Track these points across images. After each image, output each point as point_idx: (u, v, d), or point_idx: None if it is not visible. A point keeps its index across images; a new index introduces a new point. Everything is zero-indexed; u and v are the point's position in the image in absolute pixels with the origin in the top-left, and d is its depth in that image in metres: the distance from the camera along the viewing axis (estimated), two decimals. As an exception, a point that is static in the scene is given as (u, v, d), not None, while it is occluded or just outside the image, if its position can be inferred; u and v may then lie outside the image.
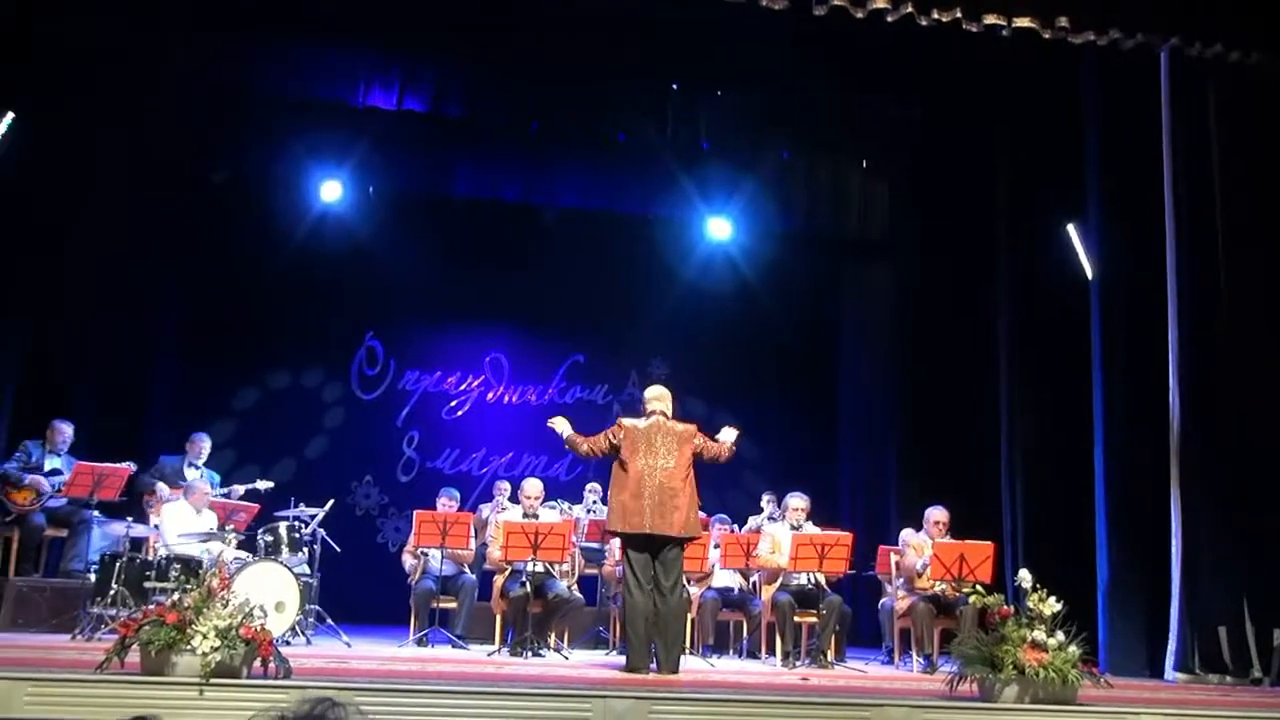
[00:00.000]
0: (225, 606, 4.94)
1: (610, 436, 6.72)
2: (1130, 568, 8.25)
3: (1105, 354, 8.63)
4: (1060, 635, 5.41)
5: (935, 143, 10.68)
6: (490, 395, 12.10)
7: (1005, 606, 5.57)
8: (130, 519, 7.57)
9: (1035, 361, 9.59)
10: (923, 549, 8.08)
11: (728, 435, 6.87)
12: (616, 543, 8.45)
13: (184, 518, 7.84)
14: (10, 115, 8.36)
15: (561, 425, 6.95)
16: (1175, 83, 8.39)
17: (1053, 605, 5.48)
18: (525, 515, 8.21)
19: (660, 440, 6.63)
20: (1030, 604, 5.51)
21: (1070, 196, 9.20)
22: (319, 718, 1.33)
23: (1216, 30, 8.04)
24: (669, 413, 6.82)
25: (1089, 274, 8.98)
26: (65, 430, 8.48)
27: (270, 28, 9.69)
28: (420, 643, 8.02)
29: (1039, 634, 5.37)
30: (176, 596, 5.04)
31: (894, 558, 8.48)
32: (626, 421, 6.76)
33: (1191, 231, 8.23)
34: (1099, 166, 8.86)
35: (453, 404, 12.01)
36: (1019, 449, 9.58)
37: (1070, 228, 9.27)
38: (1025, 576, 5.66)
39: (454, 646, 8.01)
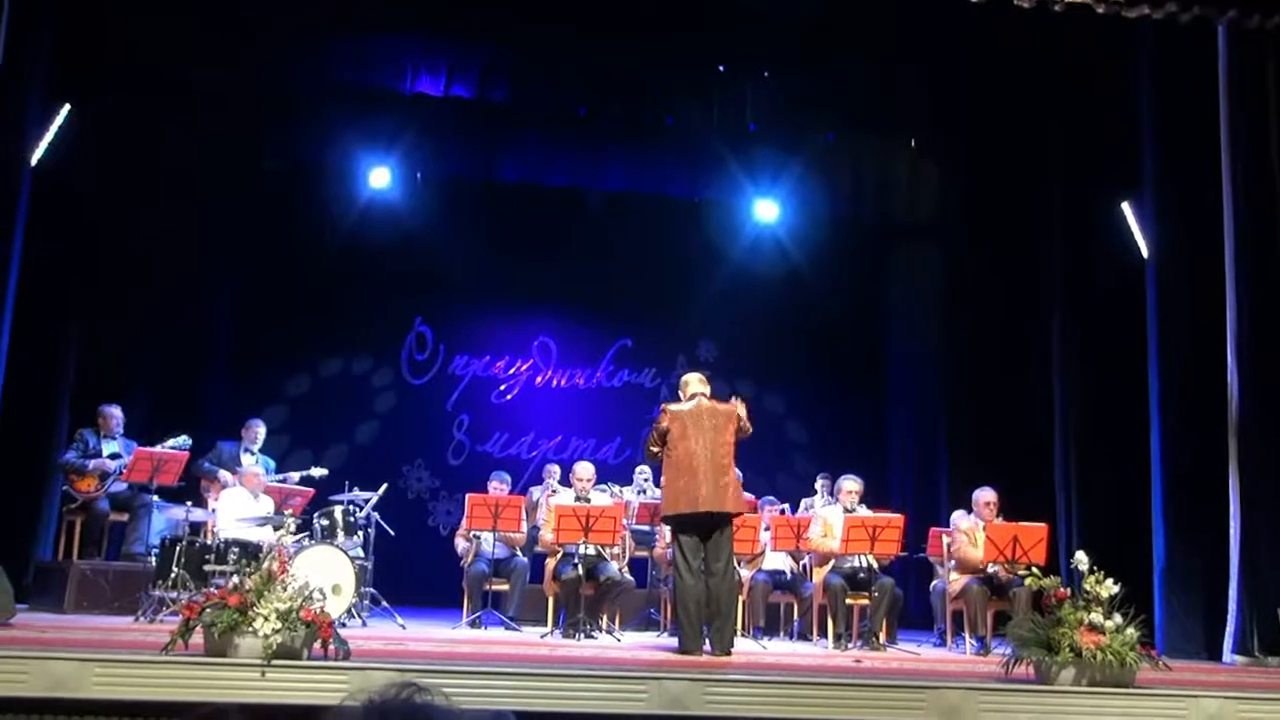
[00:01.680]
0: (285, 590, 5.02)
1: (657, 425, 6.79)
2: (1187, 549, 8.15)
3: (1161, 334, 8.50)
4: (1118, 618, 5.35)
5: (985, 122, 10.55)
6: (539, 379, 12.16)
7: (1062, 589, 5.53)
8: (189, 503, 7.71)
9: (1089, 342, 9.47)
10: (974, 533, 8.03)
11: (740, 408, 6.90)
12: (666, 526, 8.51)
13: (241, 502, 7.97)
14: (67, 107, 8.47)
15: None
16: (1233, 56, 8.21)
17: (1110, 587, 5.43)
18: (577, 498, 8.26)
19: (707, 420, 6.70)
20: (1087, 586, 5.46)
21: (1125, 174, 9.05)
22: (406, 701, 1.35)
23: (1277, 1, 7.85)
24: (709, 394, 6.88)
25: (1144, 253, 8.85)
26: (115, 414, 8.60)
27: (317, 17, 9.78)
28: (474, 625, 8.11)
29: (1096, 616, 5.32)
30: (237, 580, 5.12)
31: (945, 540, 8.43)
32: (671, 407, 6.82)
33: (1250, 208, 8.06)
34: (1154, 143, 8.71)
35: (501, 388, 12.08)
36: (1072, 430, 9.47)
37: (1125, 206, 9.13)
38: (1082, 559, 5.61)
39: (507, 628, 8.08)
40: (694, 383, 6.92)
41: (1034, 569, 5.76)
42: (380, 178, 11.16)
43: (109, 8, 8.80)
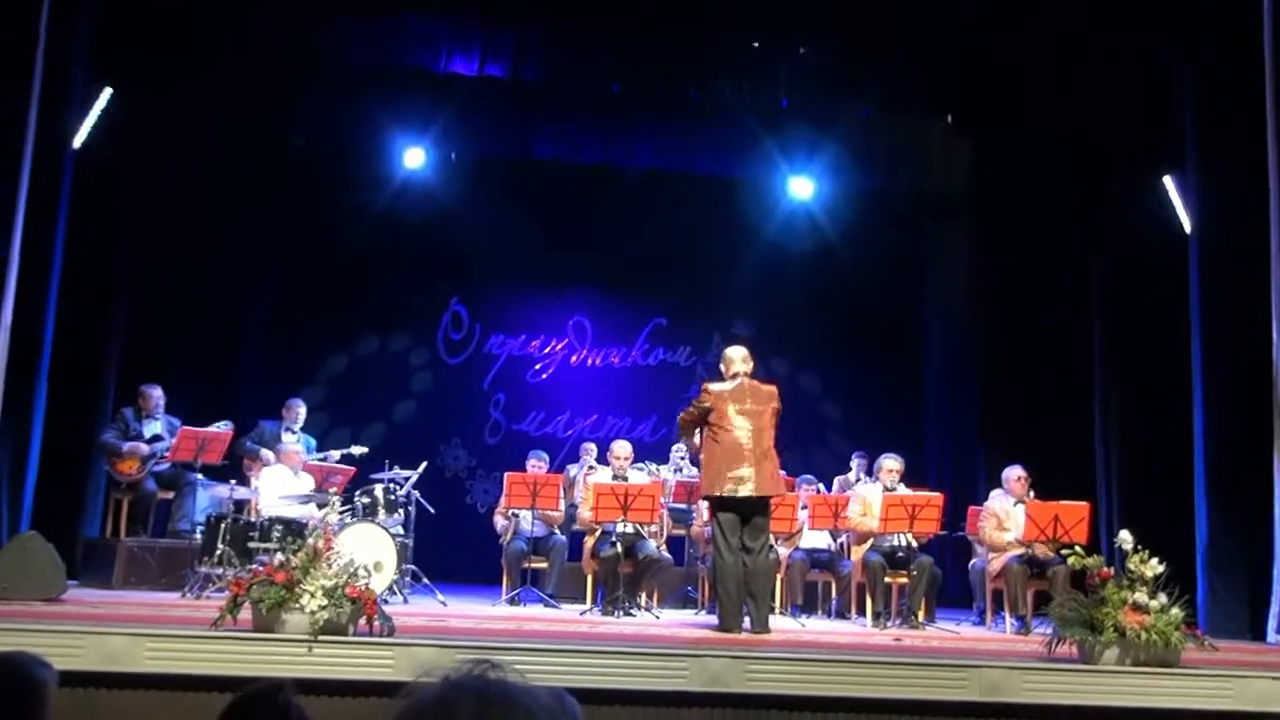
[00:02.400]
0: (330, 567, 5.08)
1: (698, 404, 6.75)
2: (1230, 529, 8.06)
3: (1204, 310, 8.39)
4: (1162, 597, 5.32)
5: (1021, 95, 10.41)
6: (574, 358, 12.19)
7: (1105, 568, 5.49)
8: (233, 482, 7.80)
9: (1130, 318, 9.36)
10: (1005, 514, 8.01)
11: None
12: (704, 504, 8.53)
13: (283, 480, 8.06)
14: (108, 91, 8.54)
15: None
16: (1278, 22, 8.05)
17: (1155, 567, 5.39)
18: (614, 477, 8.30)
19: (749, 401, 6.67)
20: (1131, 566, 5.42)
21: (1167, 148, 8.93)
22: (481, 677, 1.37)
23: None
24: (750, 371, 6.84)
25: (1187, 227, 8.73)
26: (154, 394, 8.69)
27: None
28: (513, 602, 8.17)
29: (1140, 596, 5.29)
30: (283, 557, 5.18)
31: (981, 521, 8.40)
32: (713, 387, 6.78)
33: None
34: (1195, 116, 8.58)
35: (537, 367, 12.12)
36: (1113, 407, 9.40)
37: (1167, 180, 9.00)
38: (1126, 538, 5.57)
39: (546, 606, 8.14)
40: (737, 360, 6.85)
41: (1077, 548, 5.71)
42: (415, 158, 11.19)
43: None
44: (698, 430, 6.86)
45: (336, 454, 9.03)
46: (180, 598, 7.16)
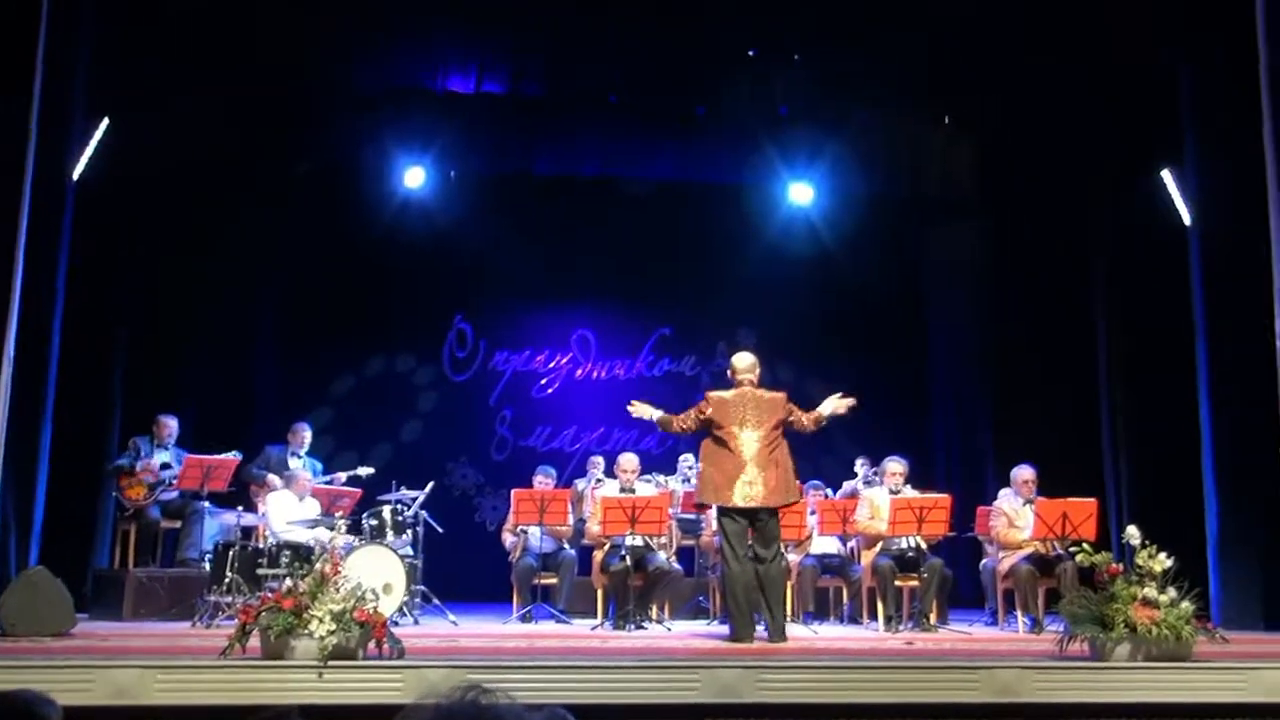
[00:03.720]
0: (338, 591, 5.07)
1: (699, 412, 6.70)
2: (1241, 520, 8.04)
3: (1207, 302, 8.39)
4: (1172, 591, 5.30)
5: (1019, 95, 10.41)
6: (579, 372, 12.20)
7: (1114, 564, 5.47)
8: (240, 508, 7.83)
9: (1133, 314, 9.36)
10: (1015, 513, 7.99)
11: (831, 406, 6.84)
12: (713, 513, 8.51)
13: (289, 505, 8.07)
14: (106, 121, 8.58)
15: (645, 410, 6.94)
16: (1272, 16, 8.04)
17: (1163, 561, 5.37)
18: (622, 490, 8.29)
19: (750, 410, 6.63)
20: (1140, 561, 5.40)
21: (1164, 142, 8.93)
22: (471, 702, 1.38)
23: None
24: (756, 381, 6.80)
25: (1186, 221, 8.72)
26: (170, 424, 8.76)
27: (346, 21, 9.85)
28: (525, 619, 8.17)
29: (1150, 591, 5.27)
30: (290, 582, 5.18)
31: (992, 521, 8.38)
32: (714, 395, 6.75)
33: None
34: (1193, 108, 8.58)
35: (543, 382, 12.13)
36: (1119, 403, 9.39)
37: (1165, 174, 8.99)
38: (1133, 533, 5.55)
39: (557, 621, 8.14)
40: (741, 369, 6.80)
41: (1085, 545, 5.69)
42: (415, 177, 11.23)
43: (144, 19, 8.90)
44: (685, 429, 6.81)
45: (343, 475, 9.05)
46: (190, 627, 7.17)
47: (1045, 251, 10.40)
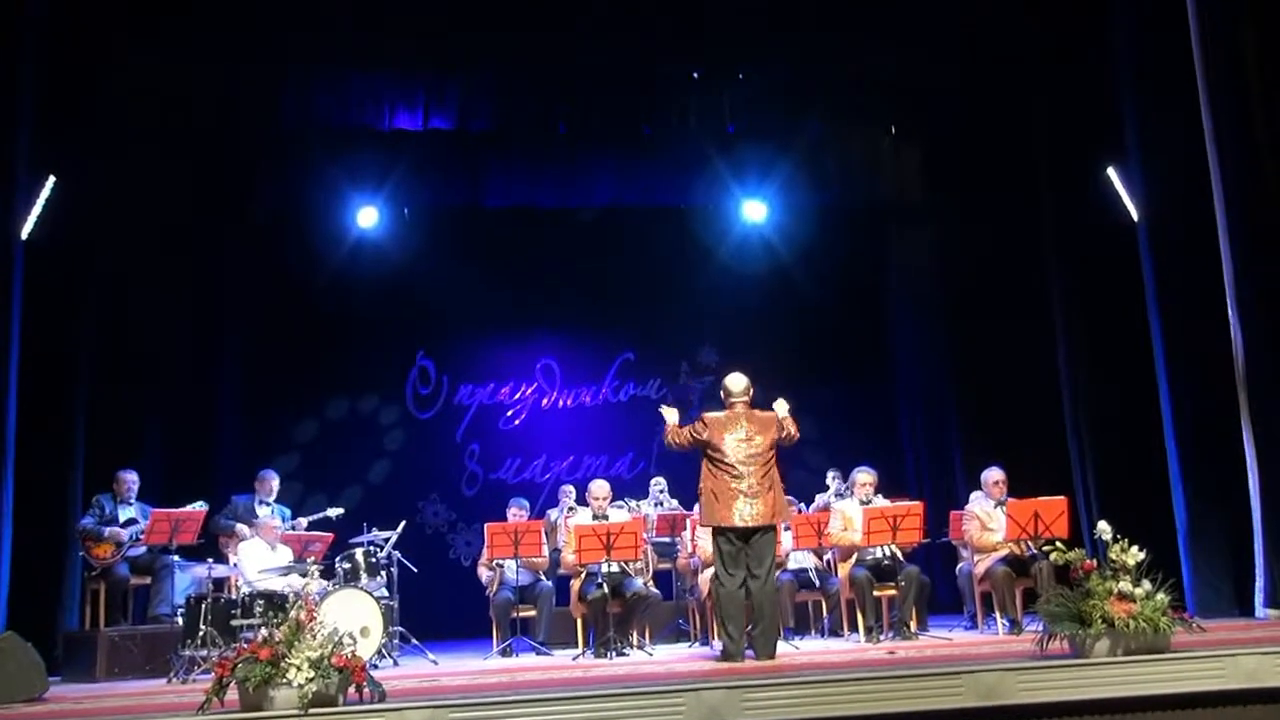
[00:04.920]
0: (315, 637, 5.01)
1: (694, 432, 6.82)
2: (1208, 508, 8.15)
3: (1160, 294, 8.53)
4: (1147, 584, 5.35)
5: (966, 100, 10.56)
6: (545, 401, 12.16)
7: (1088, 560, 5.52)
8: (210, 560, 7.71)
9: (1089, 310, 9.49)
10: (987, 516, 8.05)
11: (780, 408, 7.00)
12: (687, 535, 8.51)
13: (261, 554, 7.97)
14: (51, 180, 8.50)
15: (669, 414, 7.10)
16: (1203, 12, 8.19)
17: (1136, 554, 5.42)
18: (595, 517, 8.26)
19: (744, 429, 6.74)
20: (1113, 555, 5.45)
21: (1107, 139, 9.08)
22: None
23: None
24: (750, 402, 6.89)
25: (1134, 215, 8.86)
26: (130, 479, 8.63)
27: (291, 61, 9.85)
28: (505, 653, 8.11)
29: (1125, 585, 5.32)
30: (266, 632, 5.11)
31: (965, 525, 8.42)
32: (709, 416, 6.85)
33: (1235, 154, 7.95)
34: (1134, 103, 8.74)
35: (509, 414, 12.09)
36: (1082, 400, 9.49)
37: (1111, 171, 9.14)
38: (1105, 528, 5.60)
39: (538, 654, 8.08)
40: (735, 391, 6.92)
41: (1057, 543, 5.74)
42: (368, 217, 11.18)
43: (82, 78, 8.84)
44: (684, 445, 6.92)
45: (304, 521, 8.92)
46: (166, 684, 7.05)
47: (1000, 253, 10.51)
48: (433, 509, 11.70)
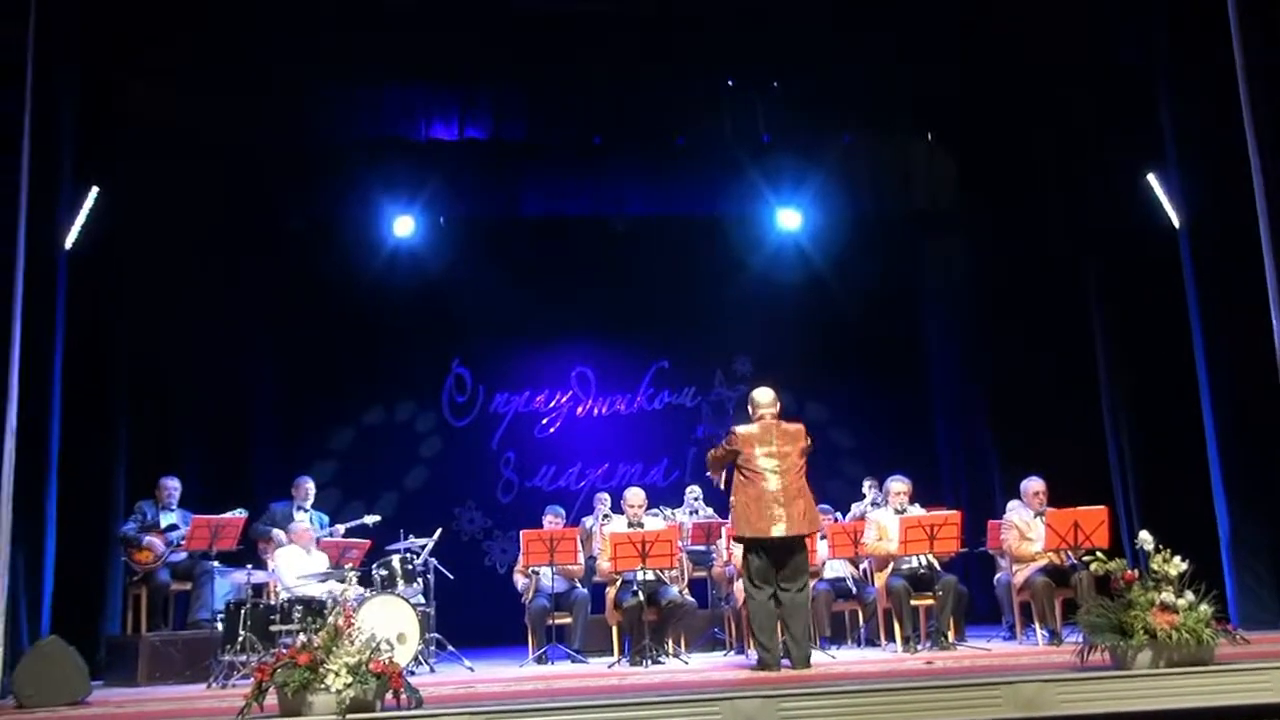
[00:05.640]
0: (353, 643, 5.05)
1: (727, 446, 6.78)
2: (1251, 518, 8.02)
3: (1201, 301, 8.41)
4: (1189, 595, 5.28)
5: (1001, 106, 10.48)
6: (580, 409, 12.19)
7: (1130, 571, 5.45)
8: (250, 566, 7.79)
9: (1128, 317, 9.37)
10: (1026, 525, 7.98)
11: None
12: (722, 543, 8.50)
13: (298, 559, 8.04)
14: (95, 190, 8.62)
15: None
16: (1244, 13, 8.08)
17: (1179, 565, 5.36)
18: (630, 525, 8.27)
19: (774, 441, 6.70)
20: (1155, 566, 5.38)
21: (1147, 144, 8.98)
22: None
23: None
24: (778, 413, 6.86)
25: (1175, 222, 8.76)
26: (172, 486, 8.75)
27: (328, 76, 9.94)
28: (540, 660, 8.12)
29: (1167, 596, 5.25)
30: (305, 637, 5.16)
31: (1004, 534, 8.35)
32: (740, 430, 6.81)
33: (1278, 159, 7.88)
34: (1173, 108, 8.64)
35: (544, 422, 12.12)
36: (1121, 408, 9.37)
37: (1151, 177, 9.04)
38: (1146, 538, 5.53)
39: (573, 661, 8.09)
40: (762, 404, 6.87)
41: (1098, 553, 5.68)
42: (404, 226, 11.26)
43: (124, 86, 8.97)
44: (723, 470, 6.90)
45: (342, 529, 9.00)
46: (206, 689, 7.13)
47: (1036, 261, 10.43)
48: (469, 516, 11.75)
